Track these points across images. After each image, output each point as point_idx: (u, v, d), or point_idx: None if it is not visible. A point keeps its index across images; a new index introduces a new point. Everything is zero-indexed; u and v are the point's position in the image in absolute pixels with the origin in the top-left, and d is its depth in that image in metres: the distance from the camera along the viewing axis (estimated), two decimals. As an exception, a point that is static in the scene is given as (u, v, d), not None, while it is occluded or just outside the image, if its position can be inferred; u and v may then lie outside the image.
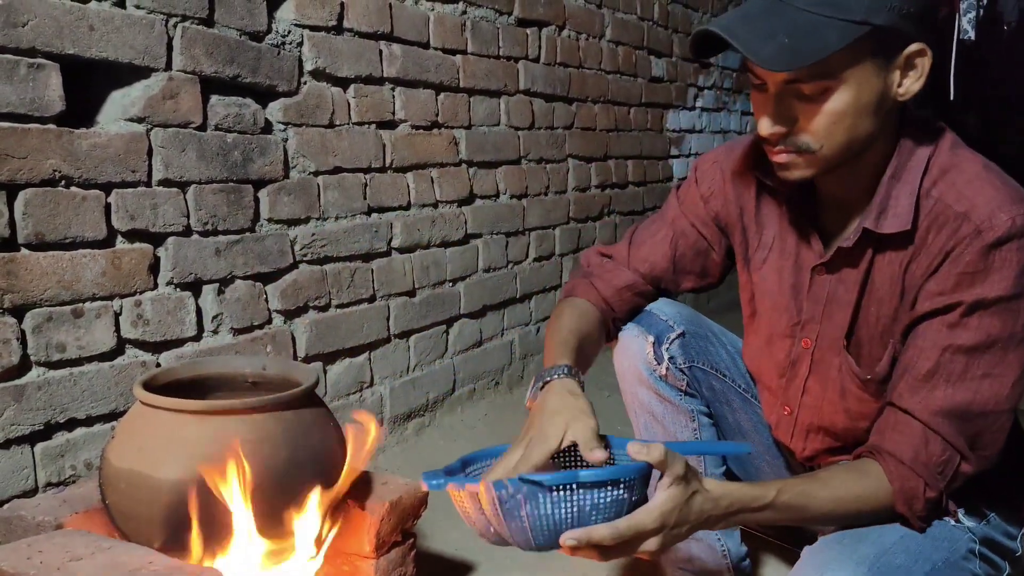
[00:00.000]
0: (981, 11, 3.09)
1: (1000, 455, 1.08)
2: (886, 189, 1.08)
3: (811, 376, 1.23)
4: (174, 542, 1.12)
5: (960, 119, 5.00)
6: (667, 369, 1.33)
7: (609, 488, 0.91)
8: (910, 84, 1.03)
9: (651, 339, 1.33)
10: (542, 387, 1.10)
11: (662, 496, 0.93)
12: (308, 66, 1.87)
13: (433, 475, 1.03)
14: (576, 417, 1.02)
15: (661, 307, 1.37)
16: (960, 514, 1.10)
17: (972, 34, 3.05)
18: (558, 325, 1.26)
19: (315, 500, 1.18)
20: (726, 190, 1.30)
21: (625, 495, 0.93)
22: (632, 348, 1.35)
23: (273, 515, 1.14)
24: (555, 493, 0.90)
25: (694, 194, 1.34)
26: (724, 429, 1.43)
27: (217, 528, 1.12)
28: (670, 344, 1.33)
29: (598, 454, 0.98)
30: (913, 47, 1.01)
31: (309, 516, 1.17)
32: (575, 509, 0.91)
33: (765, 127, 1.05)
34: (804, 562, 1.05)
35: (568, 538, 0.90)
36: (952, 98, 3.05)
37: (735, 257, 1.34)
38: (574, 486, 0.90)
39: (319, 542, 1.21)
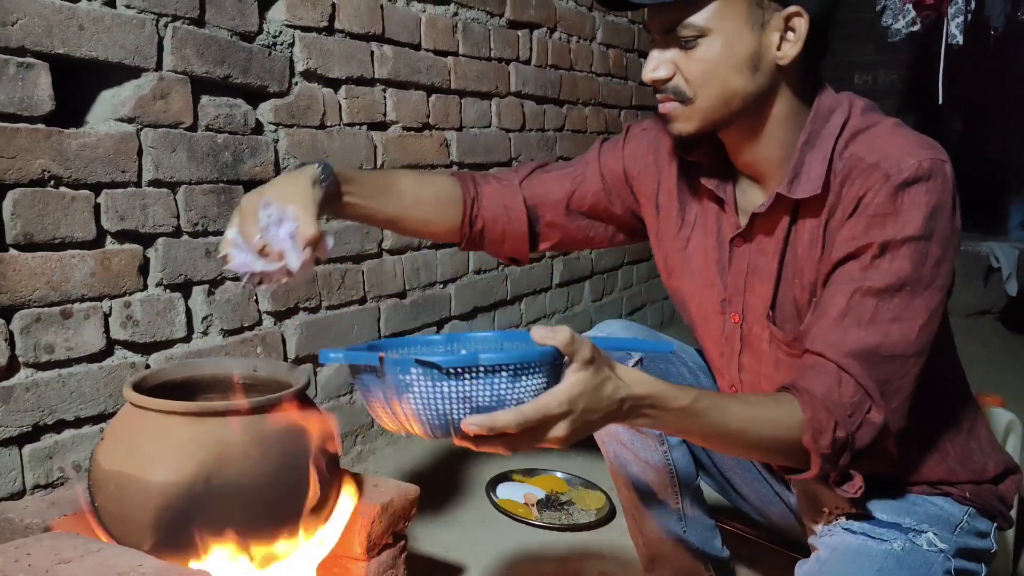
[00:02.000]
0: (969, 16, 3.11)
1: (958, 447, 1.11)
2: (800, 155, 1.10)
3: (744, 351, 1.23)
4: (164, 544, 1.12)
5: (944, 122, 5.05)
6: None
7: (516, 372, 0.83)
8: (788, 48, 1.06)
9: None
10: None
11: (570, 379, 0.87)
12: (299, 67, 1.87)
13: (332, 351, 0.91)
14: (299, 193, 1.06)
15: (616, 331, 1.37)
16: (932, 535, 1.10)
17: (960, 39, 3.07)
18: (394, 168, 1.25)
19: (307, 502, 1.17)
20: (648, 159, 1.31)
21: (534, 380, 0.85)
22: None
23: (265, 517, 1.14)
24: (453, 379, 0.83)
25: (617, 151, 1.35)
26: (693, 446, 1.40)
27: (208, 530, 1.11)
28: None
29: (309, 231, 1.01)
30: (790, 9, 1.04)
31: (300, 518, 1.17)
32: (475, 393, 0.84)
33: (647, 71, 1.10)
34: None
35: (471, 423, 0.83)
36: (940, 102, 3.07)
37: (639, 229, 1.35)
38: (475, 370, 0.83)
39: (312, 543, 1.21)
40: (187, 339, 1.67)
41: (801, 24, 1.04)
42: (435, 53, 2.28)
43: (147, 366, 1.58)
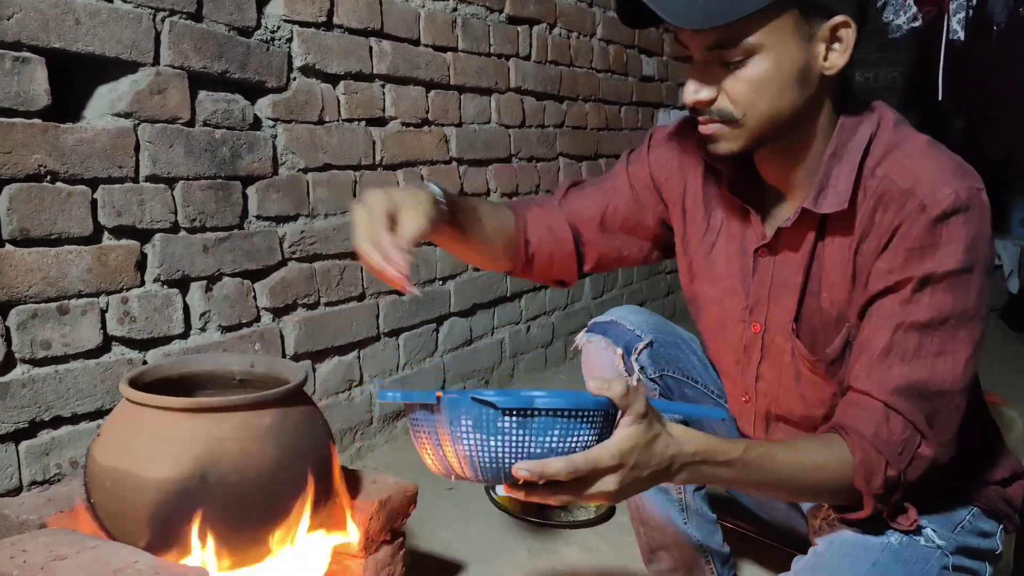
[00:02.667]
0: (971, 12, 3.10)
1: (965, 450, 1.08)
2: (826, 168, 1.08)
3: (764, 361, 1.22)
4: (160, 541, 1.11)
5: (946, 120, 5.04)
6: (638, 380, 1.31)
7: (570, 418, 0.84)
8: (835, 58, 1.03)
9: (619, 351, 1.31)
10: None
11: (622, 433, 0.87)
12: (297, 62, 1.86)
13: (389, 390, 0.97)
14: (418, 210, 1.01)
15: (626, 316, 1.35)
16: (930, 531, 1.09)
17: (962, 35, 3.05)
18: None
19: (304, 498, 1.17)
20: (672, 164, 1.29)
21: (587, 430, 0.86)
22: (600, 361, 1.33)
23: (261, 513, 1.13)
24: (508, 420, 0.83)
25: (643, 158, 1.33)
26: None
27: (204, 526, 1.10)
28: (639, 354, 1.31)
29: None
30: (837, 19, 1.01)
31: (297, 514, 1.16)
32: (528, 439, 0.84)
33: (689, 94, 1.05)
34: (799, 571, 1.05)
35: (521, 468, 0.83)
36: (940, 98, 3.06)
37: (673, 241, 1.33)
38: (530, 412, 0.83)
39: (309, 540, 1.20)
40: (185, 335, 1.66)
41: (849, 34, 1.01)
42: (434, 49, 2.27)
43: (144, 362, 1.57)
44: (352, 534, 1.31)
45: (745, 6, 0.96)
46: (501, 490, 1.95)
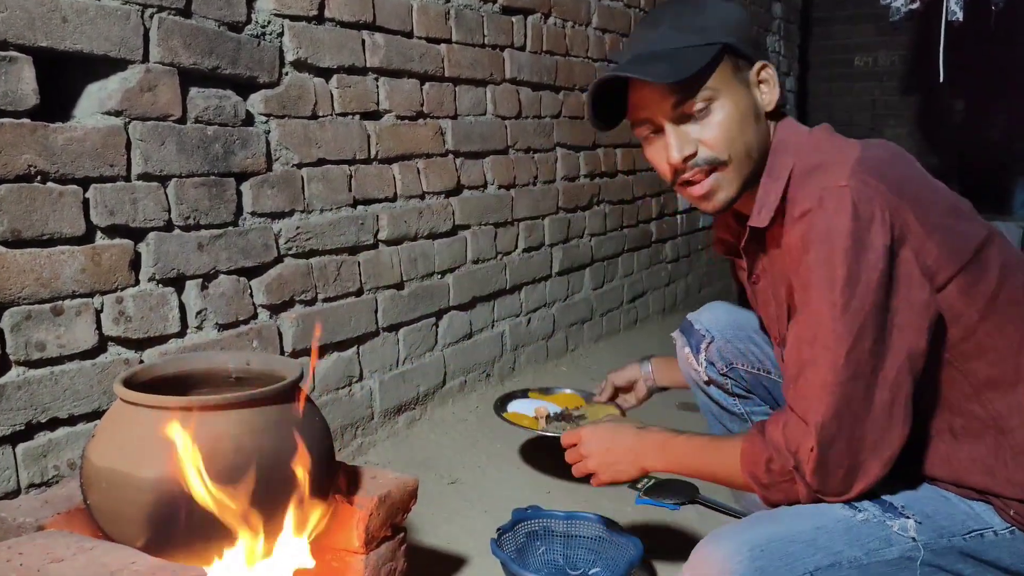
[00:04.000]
0: (969, -9, 3.08)
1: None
2: (764, 187, 1.20)
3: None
4: (157, 541, 1.10)
5: (946, 104, 5.01)
6: (707, 375, 1.54)
7: None
8: (768, 95, 1.20)
9: (688, 350, 1.58)
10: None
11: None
12: (289, 57, 1.84)
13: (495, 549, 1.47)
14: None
15: (700, 316, 1.60)
16: (911, 523, 1.07)
17: (960, 15, 3.03)
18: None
19: (300, 495, 1.16)
20: (726, 239, 1.41)
21: None
22: (681, 358, 1.62)
23: (258, 511, 1.12)
24: None
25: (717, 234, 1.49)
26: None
27: (202, 526, 1.09)
28: (706, 351, 1.54)
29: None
30: (758, 65, 1.20)
31: (295, 511, 1.15)
32: None
33: (674, 155, 1.17)
34: (707, 535, 1.09)
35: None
36: (941, 80, 3.04)
37: None
38: None
39: (307, 537, 1.19)
40: (181, 334, 1.65)
41: (770, 73, 1.20)
42: (428, 41, 2.26)
43: (141, 362, 1.56)
44: (352, 531, 1.30)
45: (699, 60, 1.13)
46: (513, 408, 2.13)
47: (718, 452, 1.19)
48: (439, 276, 2.37)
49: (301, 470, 1.15)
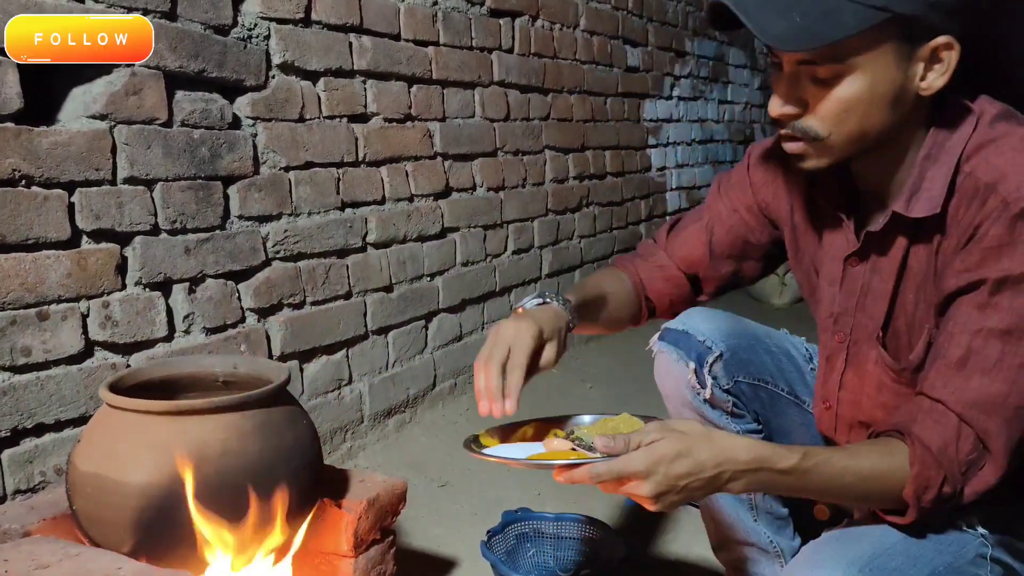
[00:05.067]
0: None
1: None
2: (919, 171, 1.03)
3: (848, 370, 1.19)
4: (144, 546, 1.10)
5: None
6: (711, 392, 1.31)
7: None
8: (934, 79, 0.97)
9: (692, 365, 1.31)
10: (536, 304, 1.16)
11: (645, 449, 0.92)
12: (276, 59, 1.84)
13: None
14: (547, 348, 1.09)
15: (698, 325, 1.33)
16: (972, 518, 1.05)
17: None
18: (588, 278, 1.32)
19: (288, 499, 1.15)
20: (777, 183, 1.26)
21: None
22: (674, 373, 1.34)
23: (245, 515, 1.12)
24: None
25: (743, 181, 1.31)
26: (774, 437, 1.38)
27: (188, 530, 1.09)
28: (711, 367, 1.31)
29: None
30: (940, 40, 0.95)
31: (281, 516, 1.15)
32: None
33: (775, 107, 1.02)
34: (798, 558, 1.02)
35: (557, 476, 0.95)
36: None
37: (782, 250, 1.32)
38: None
39: (292, 542, 1.19)
40: (169, 338, 1.65)
41: (951, 56, 0.96)
42: (415, 43, 2.25)
43: (128, 367, 1.55)
44: (341, 534, 1.30)
45: (845, 27, 0.92)
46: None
47: (876, 480, 0.98)
48: (428, 278, 2.36)
49: (288, 474, 1.15)
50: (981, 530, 1.05)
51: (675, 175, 3.94)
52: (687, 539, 1.80)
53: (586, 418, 1.20)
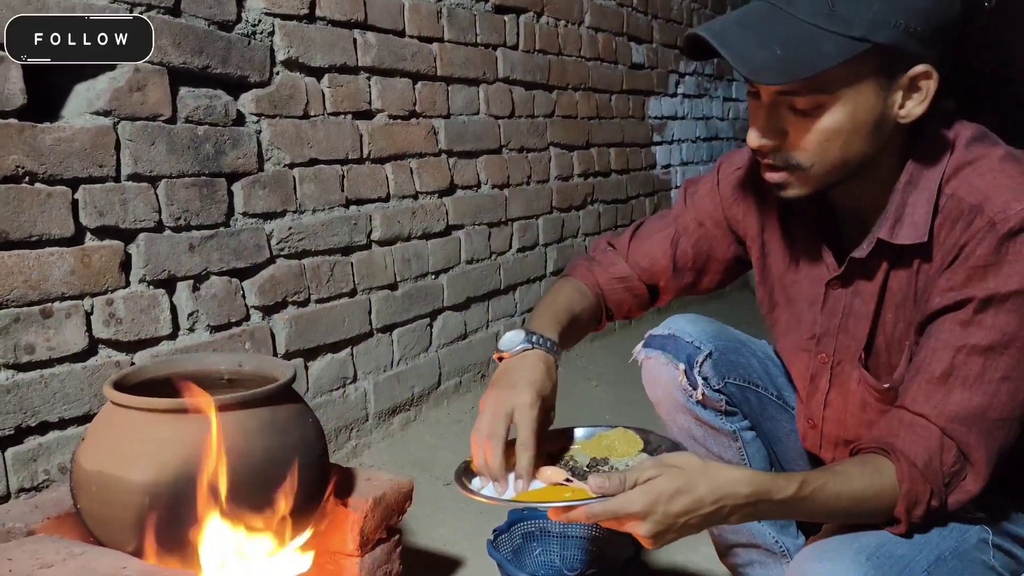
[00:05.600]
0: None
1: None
2: (901, 196, 1.03)
3: (832, 390, 1.19)
4: (148, 545, 1.09)
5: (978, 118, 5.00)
6: (703, 393, 1.29)
7: None
8: (912, 107, 0.98)
9: (682, 366, 1.29)
10: (522, 350, 1.12)
11: (642, 488, 0.91)
12: (280, 56, 1.83)
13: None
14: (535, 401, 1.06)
15: (684, 327, 1.32)
16: (970, 505, 1.04)
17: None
18: (556, 298, 1.28)
19: (294, 498, 1.14)
20: (749, 200, 1.25)
21: None
22: (663, 377, 1.32)
23: (251, 514, 1.11)
24: None
25: (713, 194, 1.30)
26: (763, 440, 1.38)
27: (192, 529, 1.08)
28: (700, 366, 1.29)
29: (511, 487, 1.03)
30: (919, 68, 0.95)
31: (287, 514, 1.14)
32: None
33: (754, 138, 1.02)
34: (804, 553, 1.02)
35: (553, 518, 0.96)
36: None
37: (748, 262, 1.32)
38: None
39: (297, 541, 1.18)
40: (173, 336, 1.64)
41: (929, 84, 0.96)
42: (420, 39, 2.24)
43: (132, 364, 1.55)
44: (347, 533, 1.29)
45: (826, 59, 0.91)
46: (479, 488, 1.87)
47: (868, 502, 0.98)
48: (433, 276, 2.35)
49: (294, 472, 1.14)
50: (979, 513, 1.05)
51: (680, 172, 3.93)
52: (694, 539, 1.79)
53: (580, 431, 1.18)
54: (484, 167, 2.55)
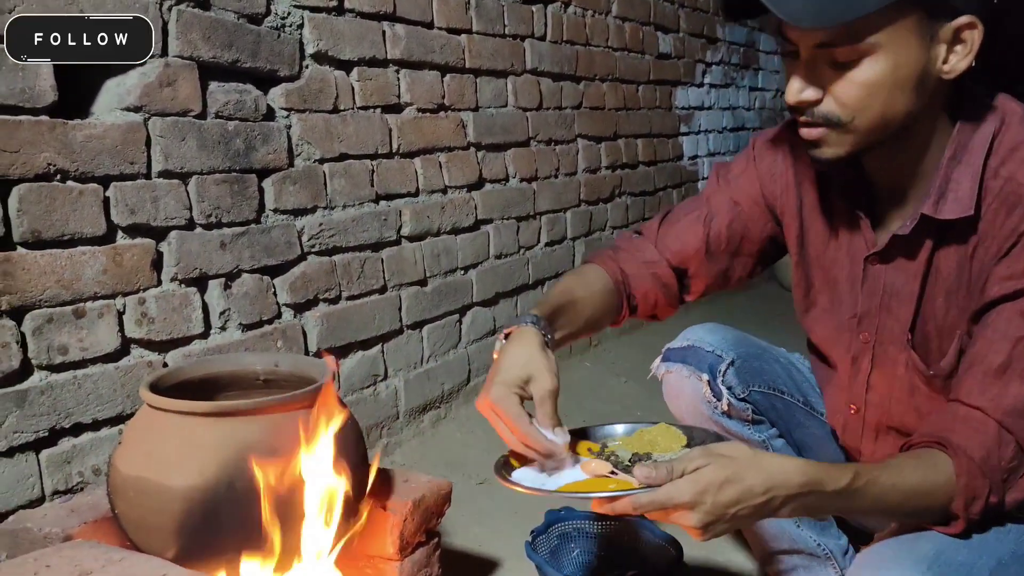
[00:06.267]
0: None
1: None
2: (945, 171, 1.00)
3: (874, 371, 1.15)
4: (188, 551, 1.07)
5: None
6: (728, 404, 1.27)
7: None
8: (956, 61, 0.95)
9: (704, 377, 1.27)
10: (505, 336, 1.10)
11: (690, 477, 0.87)
12: (309, 49, 1.80)
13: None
14: (539, 373, 1.02)
15: (703, 337, 1.30)
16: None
17: None
18: (556, 284, 1.24)
19: (335, 501, 1.12)
20: (787, 175, 1.21)
21: None
22: (687, 390, 1.29)
23: (292, 519, 1.08)
24: None
25: (749, 172, 1.26)
26: (793, 449, 1.34)
27: (235, 535, 1.06)
28: (724, 375, 1.27)
29: (558, 441, 0.99)
30: (962, 19, 0.93)
31: (329, 518, 1.11)
32: None
33: (793, 93, 0.99)
34: (860, 562, 0.98)
35: (596, 508, 0.90)
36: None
37: (782, 246, 1.27)
38: None
39: (339, 544, 1.15)
40: (205, 335, 1.62)
41: (974, 36, 0.93)
42: (448, 31, 2.21)
43: (164, 364, 1.53)
44: (386, 537, 1.26)
45: (864, 6, 0.89)
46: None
47: (923, 496, 0.95)
48: (462, 272, 2.32)
49: (335, 475, 1.11)
50: None
51: (706, 163, 3.87)
52: (735, 539, 1.75)
53: (619, 428, 1.14)
54: (512, 160, 2.51)
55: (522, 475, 1.01)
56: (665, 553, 1.50)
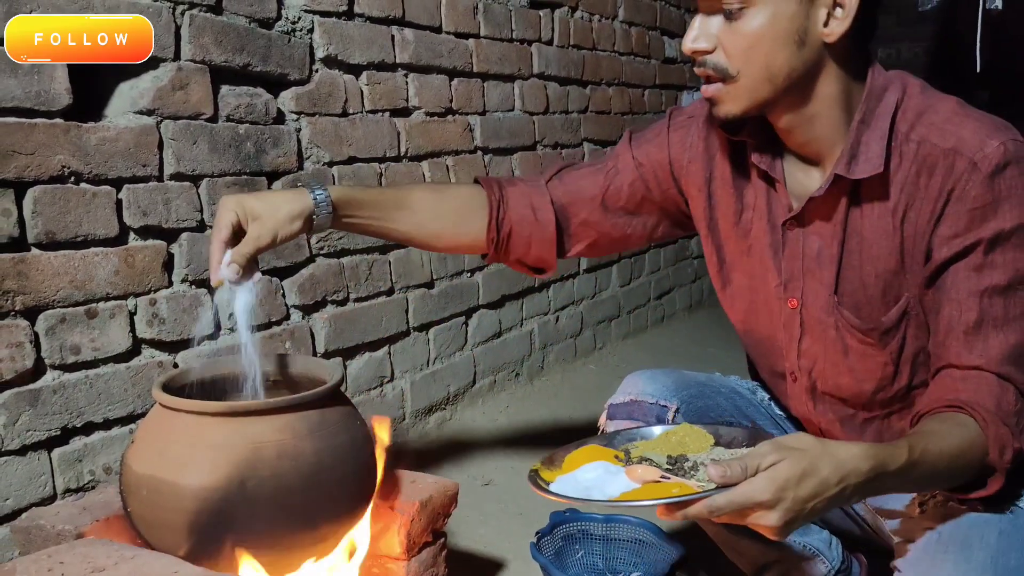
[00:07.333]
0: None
1: None
2: (855, 135, 1.06)
3: (805, 337, 1.17)
4: (200, 550, 1.08)
5: (972, 95, 4.92)
6: None
7: None
8: (835, 25, 1.02)
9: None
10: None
11: (768, 474, 0.84)
12: (319, 53, 1.82)
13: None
14: (266, 223, 1.12)
15: (644, 389, 1.29)
16: None
17: (999, 3, 2.96)
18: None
19: (343, 502, 1.13)
20: (698, 148, 1.25)
21: None
22: None
23: (302, 519, 1.09)
24: None
25: (661, 138, 1.28)
26: None
27: (247, 535, 1.07)
28: (672, 423, 1.24)
29: (223, 273, 1.13)
30: None
31: (337, 518, 1.12)
32: None
33: (688, 41, 1.06)
34: (916, 571, 0.99)
35: (662, 515, 0.88)
36: (978, 70, 2.97)
37: (681, 225, 1.30)
38: None
39: (354, 545, 1.17)
40: (214, 336, 1.63)
41: (851, 1, 1.00)
42: (456, 36, 2.22)
43: (175, 364, 1.54)
44: (393, 537, 1.28)
45: None
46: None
47: (964, 456, 0.96)
48: (468, 274, 2.34)
49: (344, 476, 1.13)
50: None
51: (712, 168, 3.89)
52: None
53: (641, 431, 1.12)
54: (519, 164, 2.52)
55: (562, 486, 0.96)
56: (668, 554, 1.52)
